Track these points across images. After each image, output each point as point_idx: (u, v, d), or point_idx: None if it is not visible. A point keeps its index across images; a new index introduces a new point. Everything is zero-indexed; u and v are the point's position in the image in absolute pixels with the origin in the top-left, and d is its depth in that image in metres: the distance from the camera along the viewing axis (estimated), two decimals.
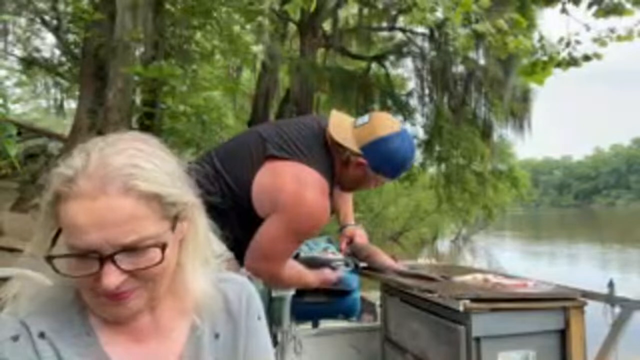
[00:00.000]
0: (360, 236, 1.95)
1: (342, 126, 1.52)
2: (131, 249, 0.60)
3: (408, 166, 1.58)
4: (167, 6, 7.37)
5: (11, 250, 3.97)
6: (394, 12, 9.58)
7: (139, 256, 0.61)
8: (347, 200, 1.95)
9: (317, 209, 1.41)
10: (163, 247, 0.62)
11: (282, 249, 1.47)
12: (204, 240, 0.72)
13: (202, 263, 0.71)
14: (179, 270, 0.69)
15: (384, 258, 1.85)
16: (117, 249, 0.59)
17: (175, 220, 0.66)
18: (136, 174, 0.60)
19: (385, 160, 1.49)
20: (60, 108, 11.17)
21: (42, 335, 0.63)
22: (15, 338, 0.62)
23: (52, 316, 0.65)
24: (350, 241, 1.94)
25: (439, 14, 6.34)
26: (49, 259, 0.61)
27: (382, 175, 1.54)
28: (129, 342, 0.68)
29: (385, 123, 1.51)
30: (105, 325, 0.67)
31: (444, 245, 17.80)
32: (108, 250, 0.59)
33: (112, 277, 0.60)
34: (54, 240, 0.63)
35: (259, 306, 0.79)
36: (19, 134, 6.39)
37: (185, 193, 0.67)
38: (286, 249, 1.49)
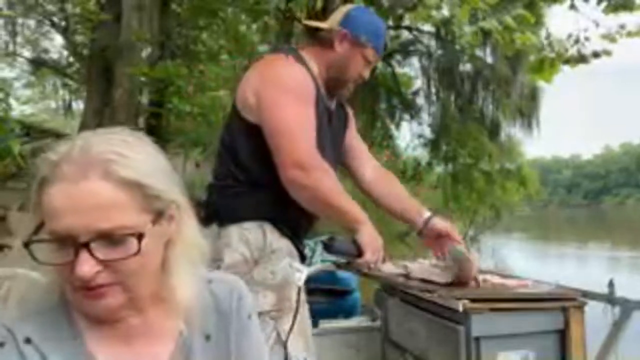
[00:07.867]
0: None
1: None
2: (107, 237, 0.59)
3: (384, 32, 1.54)
4: (173, 6, 7.42)
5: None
6: (400, 11, 9.53)
7: (116, 246, 0.60)
8: (396, 187, 1.71)
9: (290, 65, 1.38)
10: (139, 237, 0.61)
11: (292, 116, 1.30)
12: (192, 243, 0.70)
13: (189, 266, 0.70)
14: (165, 273, 0.68)
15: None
16: (93, 235, 0.59)
17: (159, 215, 0.64)
18: (118, 160, 0.60)
19: (365, 22, 1.46)
20: (68, 109, 11.30)
21: (28, 340, 0.62)
22: (0, 345, 0.61)
23: (39, 320, 0.64)
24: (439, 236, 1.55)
25: (445, 12, 6.31)
26: (26, 244, 0.60)
27: (365, 42, 1.44)
28: (117, 346, 0.67)
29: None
30: (92, 328, 0.66)
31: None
32: (84, 237, 0.59)
33: (86, 266, 0.58)
34: (38, 229, 0.62)
35: (250, 305, 0.79)
36: (27, 134, 6.46)
37: (172, 191, 0.66)
38: (297, 115, 1.31)
